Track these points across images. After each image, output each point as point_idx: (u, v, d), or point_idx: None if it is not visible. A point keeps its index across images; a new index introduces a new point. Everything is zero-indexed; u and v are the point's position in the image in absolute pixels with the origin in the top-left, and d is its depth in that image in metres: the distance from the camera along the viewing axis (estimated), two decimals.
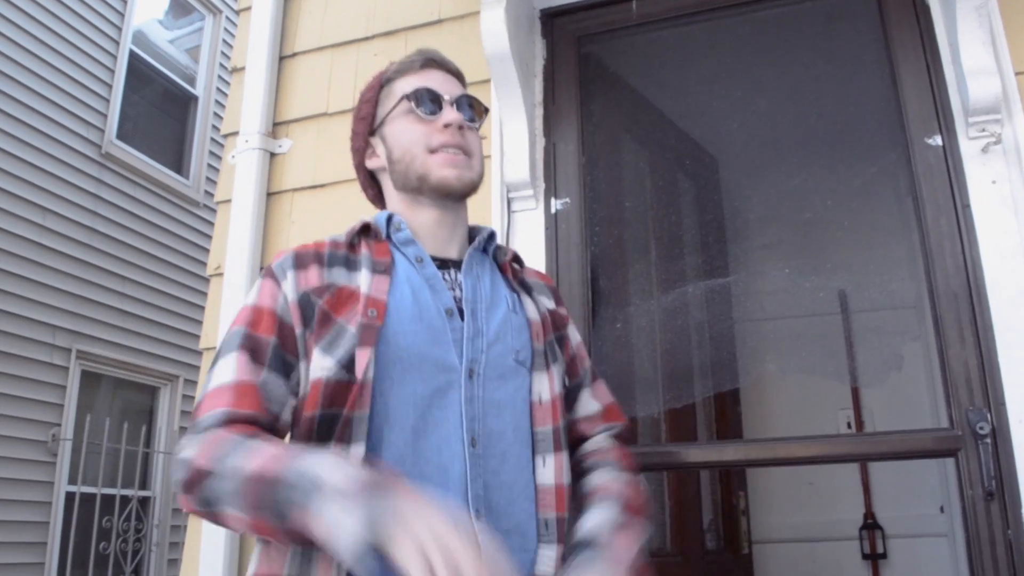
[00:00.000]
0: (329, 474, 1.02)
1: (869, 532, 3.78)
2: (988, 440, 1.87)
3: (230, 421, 1.19)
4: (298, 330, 1.28)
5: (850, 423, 3.88)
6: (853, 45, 2.78)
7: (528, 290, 1.46)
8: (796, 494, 3.87)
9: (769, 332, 3.79)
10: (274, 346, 1.26)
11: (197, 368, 2.73)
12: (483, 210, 2.37)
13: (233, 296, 2.55)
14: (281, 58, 2.82)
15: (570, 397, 1.46)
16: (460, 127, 1.41)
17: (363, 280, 1.31)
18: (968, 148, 2.06)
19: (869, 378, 3.88)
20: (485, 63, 2.32)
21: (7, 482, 5.92)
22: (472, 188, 1.43)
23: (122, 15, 7.35)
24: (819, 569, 3.83)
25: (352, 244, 1.40)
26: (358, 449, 1.18)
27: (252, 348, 1.26)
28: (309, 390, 1.24)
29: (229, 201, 2.68)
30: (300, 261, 1.35)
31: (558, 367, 1.40)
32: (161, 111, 7.96)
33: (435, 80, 1.45)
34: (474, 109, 1.46)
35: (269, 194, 2.69)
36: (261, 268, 2.61)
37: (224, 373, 1.24)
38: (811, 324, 3.86)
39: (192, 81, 8.22)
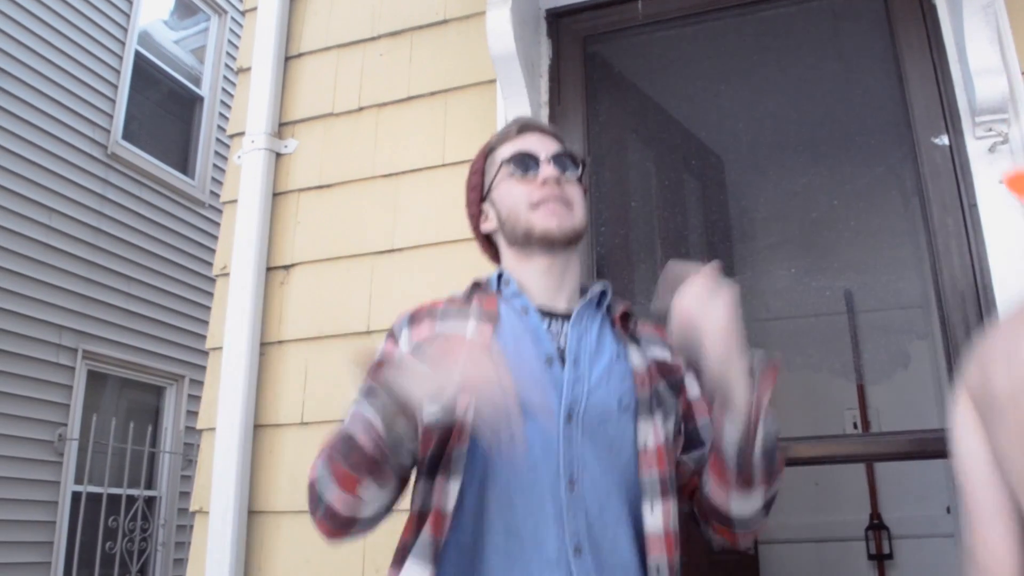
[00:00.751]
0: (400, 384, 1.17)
1: (875, 533, 3.77)
2: None
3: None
4: None
5: (856, 423, 3.88)
6: (859, 44, 2.78)
7: (637, 341, 1.46)
8: (802, 494, 3.86)
9: (775, 331, 3.79)
10: None
11: (203, 368, 2.73)
12: None
13: (239, 296, 2.55)
14: (287, 58, 2.83)
15: (693, 440, 1.46)
16: (557, 181, 1.46)
17: (469, 327, 1.40)
18: (975, 148, 2.05)
19: (875, 377, 3.87)
20: (490, 63, 2.33)
21: (13, 481, 5.93)
22: (575, 234, 1.47)
23: (127, 16, 7.36)
24: (825, 569, 3.82)
25: (468, 299, 1.49)
26: (455, 484, 1.28)
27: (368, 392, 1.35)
28: (423, 435, 1.30)
29: (235, 201, 2.68)
30: (414, 319, 1.48)
31: (664, 413, 1.39)
32: (167, 112, 7.97)
33: (531, 142, 1.51)
34: (572, 162, 1.51)
35: (275, 194, 2.69)
36: (267, 268, 2.61)
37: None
38: (817, 324, 3.85)
39: (197, 82, 8.23)
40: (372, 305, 2.46)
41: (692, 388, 1.49)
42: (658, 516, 1.30)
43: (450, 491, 1.27)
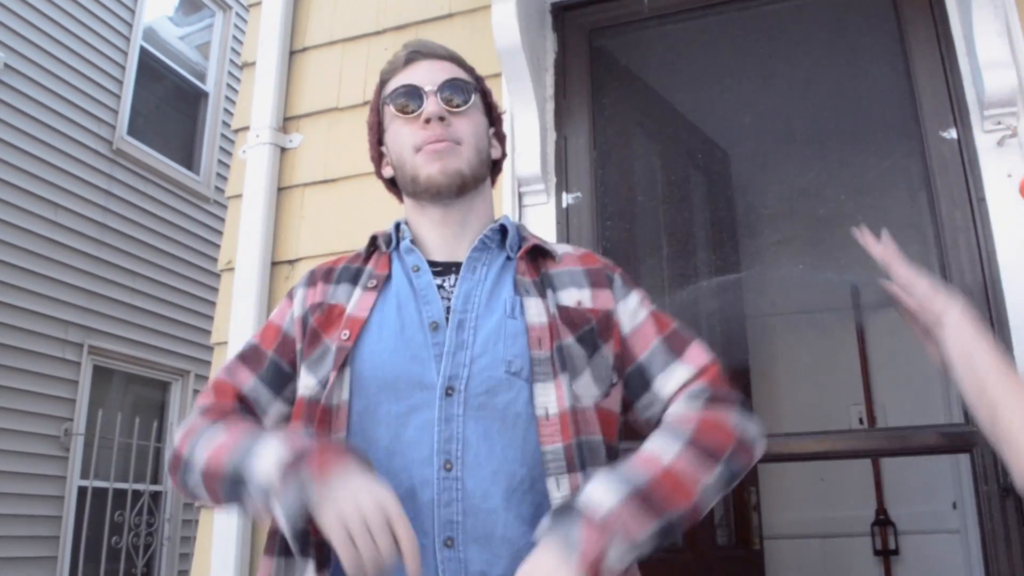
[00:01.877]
0: (259, 464, 1.09)
1: (881, 528, 3.76)
2: None
3: (207, 410, 1.29)
4: (298, 345, 1.34)
5: (862, 418, 3.86)
6: (867, 38, 2.76)
7: (546, 285, 1.31)
8: (808, 490, 3.85)
9: (782, 327, 3.78)
10: (271, 359, 1.35)
11: (208, 363, 2.74)
12: (494, 205, 2.37)
13: (244, 291, 2.55)
14: (292, 53, 2.82)
15: (637, 386, 1.29)
16: (441, 117, 1.33)
17: (354, 296, 1.33)
18: (983, 141, 2.04)
19: (883, 373, 3.86)
20: (496, 57, 2.32)
21: (20, 477, 5.94)
22: (462, 178, 1.34)
23: (132, 12, 7.36)
24: (831, 565, 3.81)
25: (367, 258, 1.41)
26: None
27: (249, 356, 1.37)
28: (295, 406, 1.29)
29: (240, 196, 2.68)
30: (312, 278, 1.41)
31: (575, 371, 1.23)
32: (172, 107, 7.97)
33: (418, 73, 1.37)
34: (463, 90, 1.37)
35: (280, 189, 2.69)
36: (272, 263, 2.61)
37: (217, 373, 1.37)
38: (824, 319, 3.84)
39: (202, 77, 8.23)
40: None
41: (625, 321, 1.32)
42: (564, 491, 1.15)
43: None
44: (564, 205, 2.37)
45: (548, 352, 1.22)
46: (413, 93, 1.35)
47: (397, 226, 1.42)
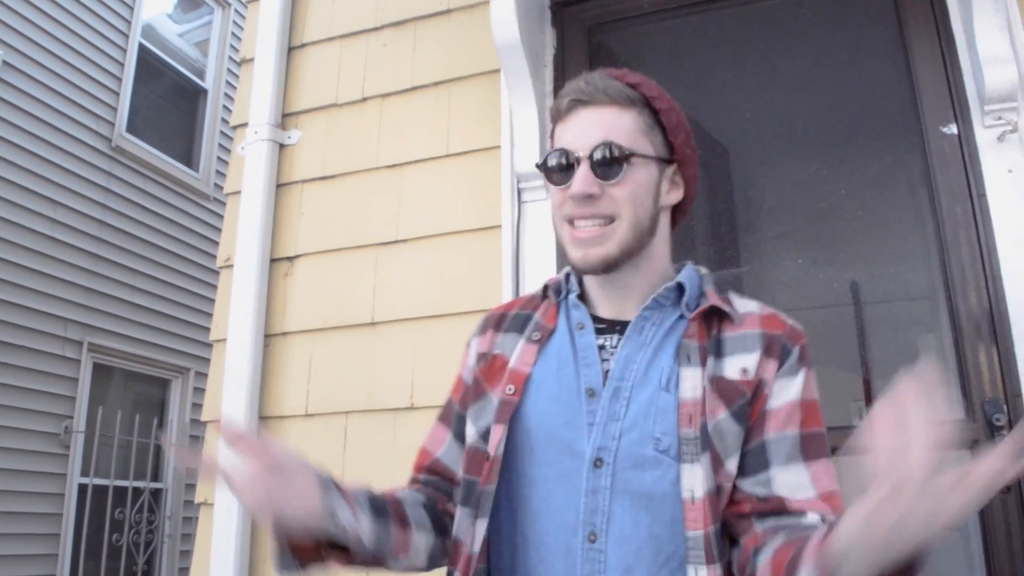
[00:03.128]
0: None
1: None
2: (1004, 432, 1.85)
3: (411, 482, 1.39)
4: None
5: (862, 415, 3.85)
6: (867, 33, 2.75)
7: (711, 351, 1.20)
8: None
9: None
10: (456, 412, 1.37)
11: (208, 360, 2.73)
12: (494, 201, 2.37)
13: (243, 287, 2.55)
14: (290, 49, 2.82)
15: (752, 463, 1.16)
16: (589, 197, 1.20)
17: (517, 349, 1.29)
18: (984, 136, 2.04)
19: (882, 370, 3.85)
20: (495, 53, 2.31)
21: (20, 474, 5.95)
22: (607, 264, 1.21)
23: (131, 9, 7.35)
24: None
25: (540, 302, 1.36)
26: (482, 524, 1.19)
27: (444, 413, 1.41)
28: (463, 453, 1.30)
29: (239, 193, 2.68)
30: (484, 325, 1.39)
31: (725, 451, 1.14)
32: (170, 104, 7.96)
33: (575, 129, 1.24)
34: (618, 159, 1.21)
35: (278, 185, 2.68)
36: (271, 260, 2.61)
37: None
38: (824, 315, 3.83)
39: (201, 74, 8.22)
40: (376, 296, 2.46)
41: (775, 394, 1.18)
42: None
43: (477, 531, 1.19)
44: None
45: (695, 430, 1.14)
46: (563, 161, 1.23)
47: (568, 276, 1.34)
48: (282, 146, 2.71)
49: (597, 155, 1.20)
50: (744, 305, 1.27)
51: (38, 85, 6.39)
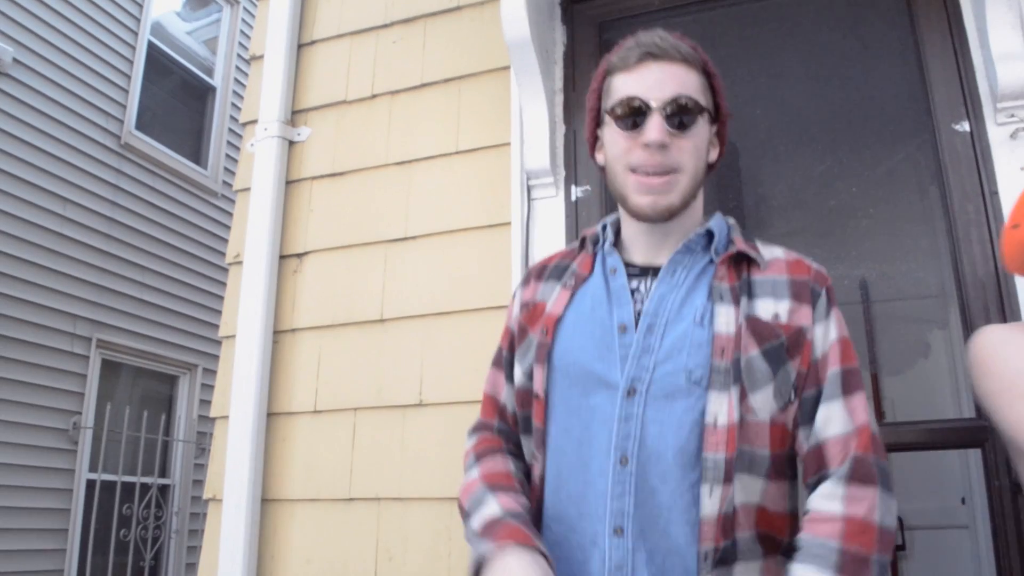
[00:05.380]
0: (475, 517, 1.29)
1: None
2: None
3: (476, 430, 1.50)
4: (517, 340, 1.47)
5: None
6: (879, 29, 2.74)
7: (743, 292, 1.29)
8: None
9: None
10: (506, 358, 1.49)
11: (216, 357, 2.74)
12: (503, 198, 2.36)
13: (252, 284, 2.55)
14: (300, 46, 2.82)
15: (807, 412, 1.27)
16: (662, 146, 1.27)
17: (553, 296, 1.41)
18: (996, 134, 2.02)
19: (892, 367, 3.84)
20: (504, 50, 2.31)
21: (28, 470, 5.96)
22: (671, 212, 1.31)
23: (140, 6, 7.36)
24: None
25: (577, 253, 1.47)
26: (541, 455, 1.34)
27: (497, 360, 1.52)
28: (514, 393, 1.43)
29: (248, 190, 2.67)
30: (527, 277, 1.51)
31: (753, 385, 1.23)
32: (180, 102, 7.98)
33: (647, 80, 1.30)
34: (690, 111, 1.29)
35: (288, 182, 2.68)
36: (280, 256, 2.61)
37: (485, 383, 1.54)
38: None
39: (210, 72, 8.24)
40: (385, 293, 2.46)
41: (819, 343, 1.28)
42: (715, 501, 1.19)
43: (536, 463, 1.35)
44: (573, 198, 2.36)
45: (728, 362, 1.22)
46: (637, 109, 1.29)
47: (604, 226, 1.44)
48: (291, 143, 2.71)
49: (672, 107, 1.28)
50: (770, 251, 1.36)
51: (47, 82, 6.41)
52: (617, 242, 1.42)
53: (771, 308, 1.27)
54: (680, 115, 1.28)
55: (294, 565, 2.33)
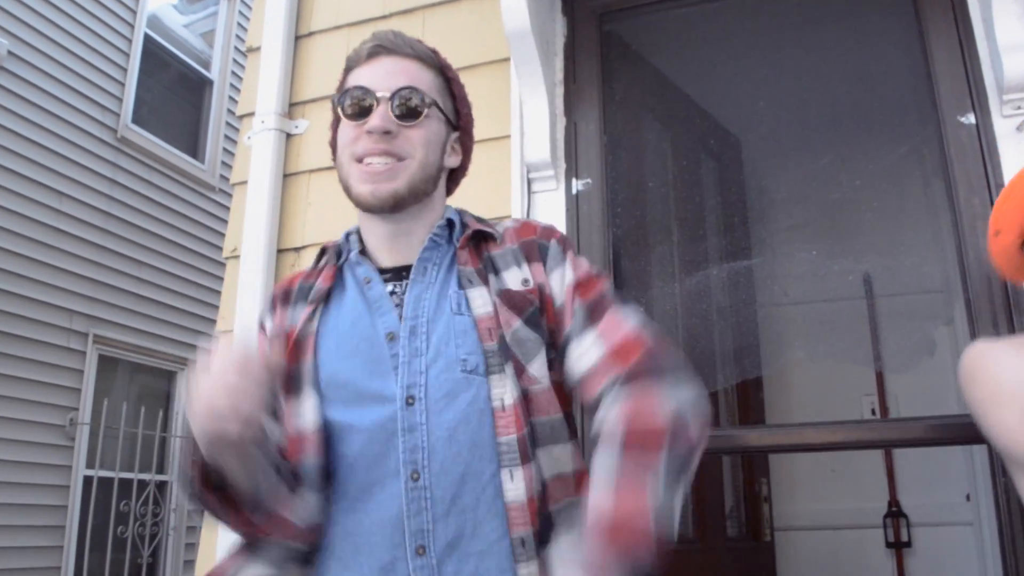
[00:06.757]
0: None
1: (893, 520, 3.73)
2: None
3: None
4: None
5: (874, 409, 3.83)
6: (883, 20, 2.72)
7: (489, 270, 1.28)
8: (819, 481, 3.82)
9: (794, 316, 3.74)
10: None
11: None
12: (503, 191, 2.34)
13: (249, 278, 2.52)
14: (297, 37, 2.79)
15: (563, 354, 1.25)
16: (386, 132, 1.24)
17: (300, 319, 1.30)
18: (1002, 126, 2.00)
19: (896, 364, 3.82)
20: (504, 41, 2.28)
21: (25, 466, 5.95)
22: (396, 200, 1.26)
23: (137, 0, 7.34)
24: (842, 558, 3.78)
25: (319, 272, 1.37)
26: (314, 496, 1.21)
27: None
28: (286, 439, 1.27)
29: (245, 183, 2.65)
30: (274, 303, 1.38)
31: (525, 355, 1.21)
32: (176, 95, 7.95)
33: (378, 72, 1.29)
34: (418, 104, 1.28)
35: (285, 175, 2.66)
36: (278, 250, 2.58)
37: None
38: (837, 308, 3.80)
39: (207, 65, 8.21)
40: None
41: (557, 292, 1.27)
42: (519, 484, 1.15)
43: (300, 503, 1.21)
44: (574, 192, 2.34)
45: (495, 343, 1.20)
46: (363, 98, 1.27)
47: (347, 236, 1.38)
48: (289, 135, 2.69)
49: (399, 97, 1.26)
50: (503, 224, 1.37)
51: (43, 76, 6.38)
52: (364, 251, 1.34)
53: (517, 276, 1.27)
54: (407, 105, 1.26)
55: None
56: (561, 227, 2.29)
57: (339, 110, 1.31)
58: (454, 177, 1.44)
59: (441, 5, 2.61)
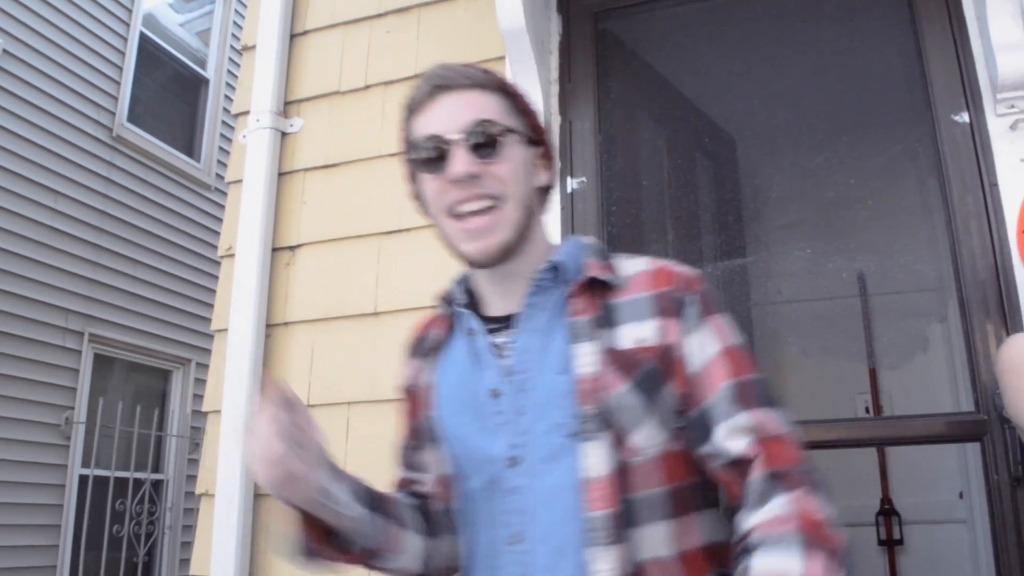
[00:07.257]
0: None
1: (886, 518, 3.74)
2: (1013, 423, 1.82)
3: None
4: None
5: (868, 407, 3.84)
6: (878, 19, 2.72)
7: (604, 323, 1.16)
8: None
9: (788, 314, 3.75)
10: (412, 446, 1.36)
11: (209, 351, 2.72)
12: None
13: (244, 277, 2.53)
14: (292, 36, 2.79)
15: (698, 431, 1.12)
16: (472, 177, 1.15)
17: (425, 369, 1.31)
18: (996, 125, 2.01)
19: (890, 362, 3.83)
20: (499, 39, 2.28)
21: (21, 465, 5.93)
22: (507, 250, 1.17)
23: None
24: None
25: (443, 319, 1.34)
26: (459, 540, 1.26)
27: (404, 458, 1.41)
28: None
29: (240, 182, 2.65)
30: (406, 354, 1.38)
31: (626, 424, 1.10)
32: (172, 94, 7.93)
33: (442, 114, 1.18)
34: (495, 135, 1.17)
35: (280, 174, 2.66)
36: (273, 249, 2.58)
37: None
38: (831, 306, 3.81)
39: (203, 64, 8.19)
40: (379, 286, 2.43)
41: (694, 357, 1.13)
42: (607, 566, 1.06)
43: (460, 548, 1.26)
44: (569, 190, 2.34)
45: (593, 406, 1.10)
46: (436, 147, 1.17)
47: (458, 282, 1.31)
48: (284, 134, 2.69)
49: (473, 134, 1.16)
50: (631, 266, 1.22)
51: (39, 74, 6.36)
52: (472, 297, 1.28)
53: (635, 333, 1.14)
54: (484, 141, 1.16)
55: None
56: (556, 226, 2.29)
57: (416, 165, 1.22)
58: (543, 193, 1.31)
59: (436, 3, 2.61)
